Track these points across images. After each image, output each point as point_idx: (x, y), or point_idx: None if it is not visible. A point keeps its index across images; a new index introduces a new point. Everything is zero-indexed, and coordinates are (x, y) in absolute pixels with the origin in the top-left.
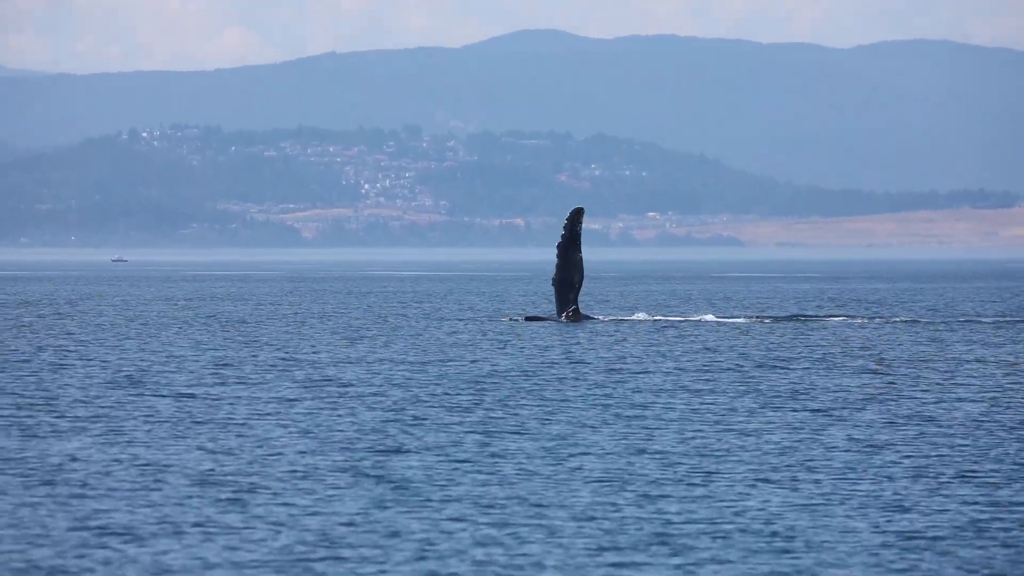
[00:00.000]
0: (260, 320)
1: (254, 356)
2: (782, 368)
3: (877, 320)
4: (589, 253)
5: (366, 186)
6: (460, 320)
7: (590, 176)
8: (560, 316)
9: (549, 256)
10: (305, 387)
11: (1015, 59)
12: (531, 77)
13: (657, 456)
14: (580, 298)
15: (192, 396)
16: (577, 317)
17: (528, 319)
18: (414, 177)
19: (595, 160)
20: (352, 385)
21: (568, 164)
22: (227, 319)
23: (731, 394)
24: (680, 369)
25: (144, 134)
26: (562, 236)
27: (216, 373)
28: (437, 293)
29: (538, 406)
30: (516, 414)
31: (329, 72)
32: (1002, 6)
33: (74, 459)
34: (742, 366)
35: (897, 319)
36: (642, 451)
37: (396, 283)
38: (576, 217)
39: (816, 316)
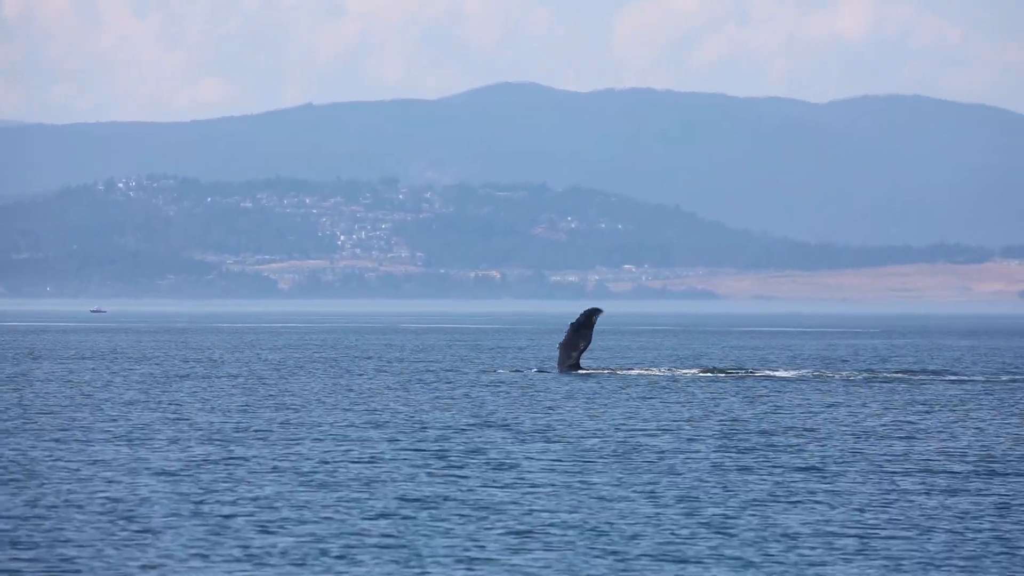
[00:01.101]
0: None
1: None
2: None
3: None
4: (565, 306)
5: (342, 237)
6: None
7: (566, 228)
8: (560, 369)
9: (526, 308)
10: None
11: (988, 114)
12: (508, 129)
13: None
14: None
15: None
16: (575, 369)
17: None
18: (390, 228)
19: (571, 212)
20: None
21: (545, 216)
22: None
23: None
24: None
25: (120, 184)
26: (577, 320)
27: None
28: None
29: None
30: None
31: (306, 123)
32: (975, 61)
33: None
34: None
35: None
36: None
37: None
38: (592, 313)
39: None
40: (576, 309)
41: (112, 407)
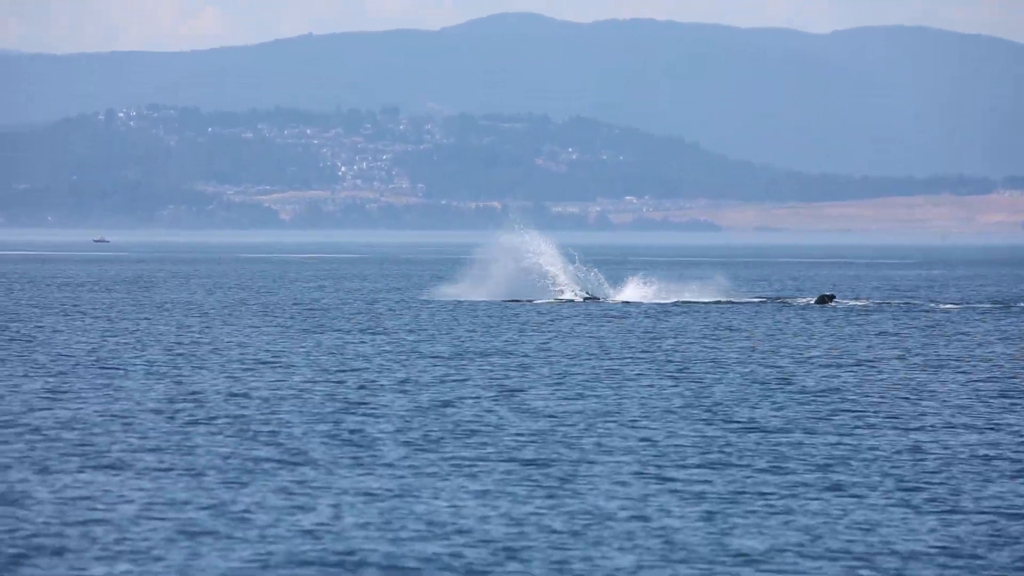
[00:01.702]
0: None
1: None
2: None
3: None
4: (567, 237)
5: (343, 168)
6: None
7: (568, 160)
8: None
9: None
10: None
11: (991, 45)
12: (509, 60)
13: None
14: None
15: None
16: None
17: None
18: (391, 159)
19: (573, 144)
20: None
21: (546, 147)
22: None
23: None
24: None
25: (121, 114)
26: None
27: None
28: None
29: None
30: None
31: (306, 54)
32: None
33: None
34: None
35: None
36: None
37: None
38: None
39: None
40: (578, 240)
41: None
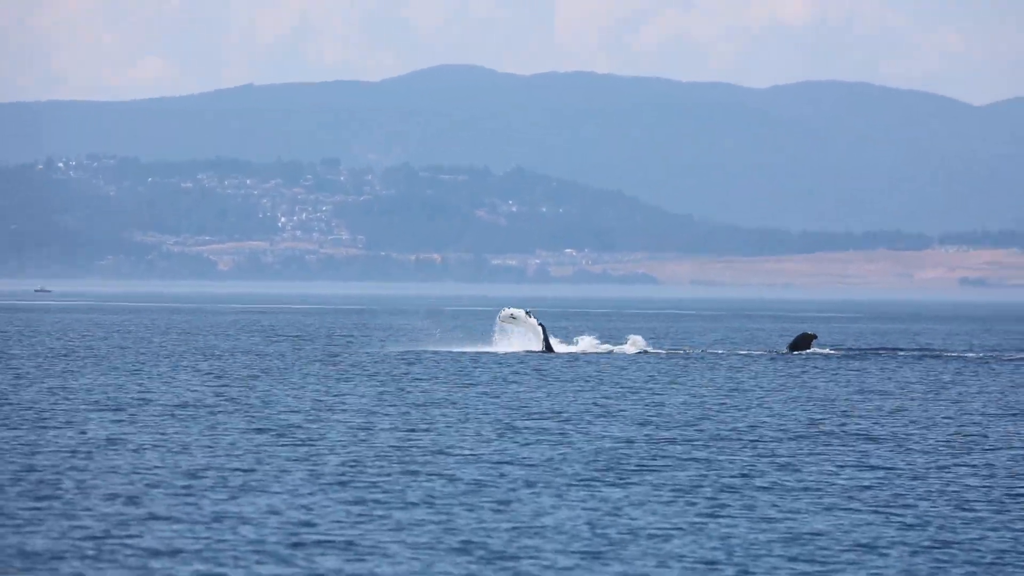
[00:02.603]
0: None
1: None
2: None
3: None
4: (505, 290)
5: (283, 219)
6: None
7: (507, 212)
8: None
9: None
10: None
11: (931, 102)
12: (449, 112)
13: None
14: None
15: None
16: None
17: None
18: (331, 211)
19: (513, 196)
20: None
21: (487, 199)
22: None
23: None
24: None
25: (60, 164)
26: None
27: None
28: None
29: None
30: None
31: (247, 104)
32: (915, 50)
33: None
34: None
35: None
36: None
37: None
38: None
39: None
40: (517, 293)
41: None
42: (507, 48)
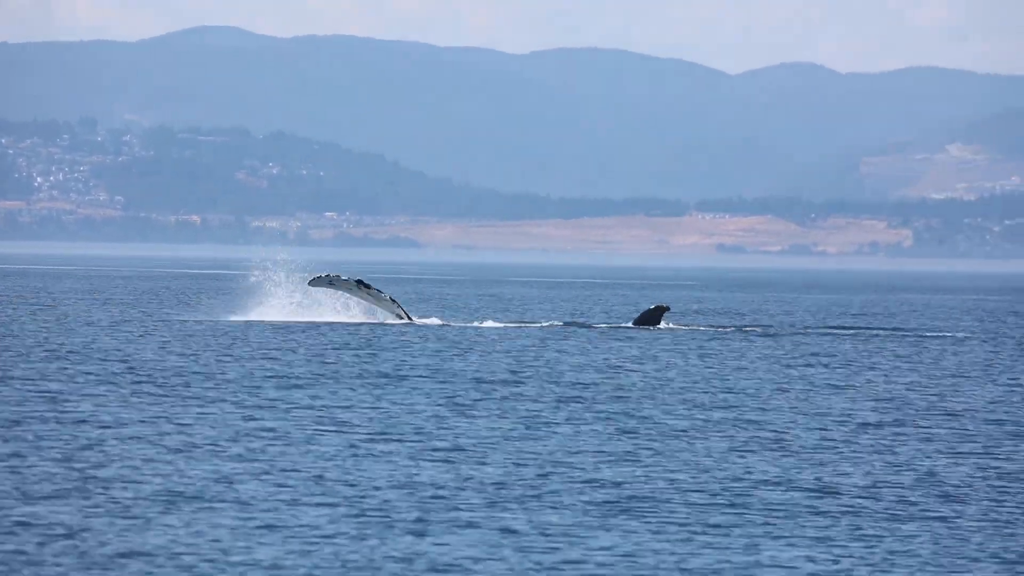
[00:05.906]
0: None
1: None
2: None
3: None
4: (267, 252)
5: (39, 179)
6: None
7: (268, 174)
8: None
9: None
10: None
11: (685, 69)
12: (209, 73)
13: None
14: None
15: None
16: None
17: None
18: (89, 171)
19: (274, 158)
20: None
21: (247, 162)
22: None
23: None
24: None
25: None
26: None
27: None
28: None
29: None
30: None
31: (1, 62)
32: (672, 17)
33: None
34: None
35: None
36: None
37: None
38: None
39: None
40: (279, 255)
41: None
42: (265, 10)
